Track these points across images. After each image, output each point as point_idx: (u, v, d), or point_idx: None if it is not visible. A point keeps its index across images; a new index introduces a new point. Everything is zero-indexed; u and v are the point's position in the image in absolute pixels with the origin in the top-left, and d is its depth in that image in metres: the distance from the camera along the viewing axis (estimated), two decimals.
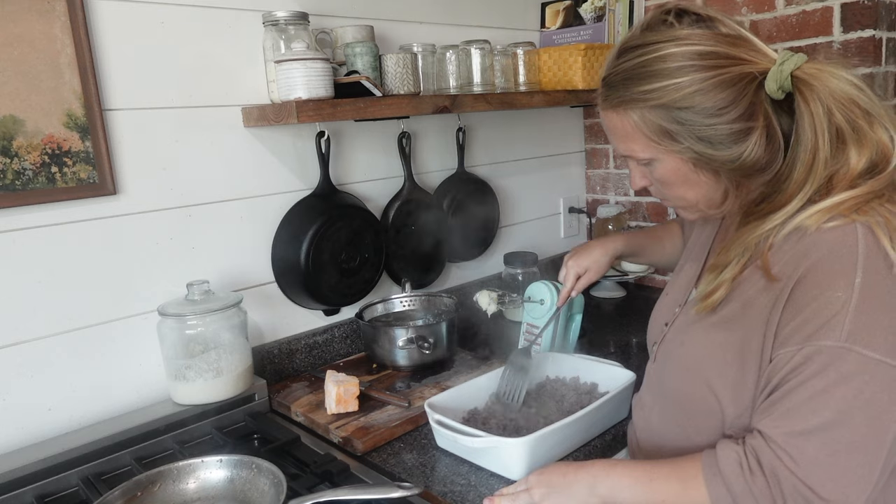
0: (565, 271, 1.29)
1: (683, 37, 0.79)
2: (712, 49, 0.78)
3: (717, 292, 0.84)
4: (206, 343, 1.24)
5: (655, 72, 0.80)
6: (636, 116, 0.82)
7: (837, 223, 0.75)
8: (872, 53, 1.78)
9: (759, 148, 0.79)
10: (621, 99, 0.83)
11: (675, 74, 0.78)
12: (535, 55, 1.77)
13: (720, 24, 0.81)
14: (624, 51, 0.84)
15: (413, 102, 1.41)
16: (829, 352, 0.71)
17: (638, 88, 0.81)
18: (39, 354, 1.16)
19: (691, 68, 0.78)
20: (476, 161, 1.87)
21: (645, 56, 0.81)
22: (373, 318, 1.56)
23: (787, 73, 0.76)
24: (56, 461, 1.09)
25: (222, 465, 1.02)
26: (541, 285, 1.39)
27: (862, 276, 0.71)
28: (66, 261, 1.18)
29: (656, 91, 0.79)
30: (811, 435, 0.71)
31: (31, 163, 1.11)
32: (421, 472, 1.09)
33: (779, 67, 0.77)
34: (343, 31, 1.45)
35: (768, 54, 0.80)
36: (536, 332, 1.37)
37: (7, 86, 1.08)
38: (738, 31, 0.81)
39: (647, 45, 0.81)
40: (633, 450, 1.09)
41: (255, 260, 1.43)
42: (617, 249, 1.28)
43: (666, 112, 0.80)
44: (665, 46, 0.79)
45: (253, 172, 1.41)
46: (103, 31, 1.18)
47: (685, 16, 0.83)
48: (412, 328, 1.42)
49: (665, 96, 0.79)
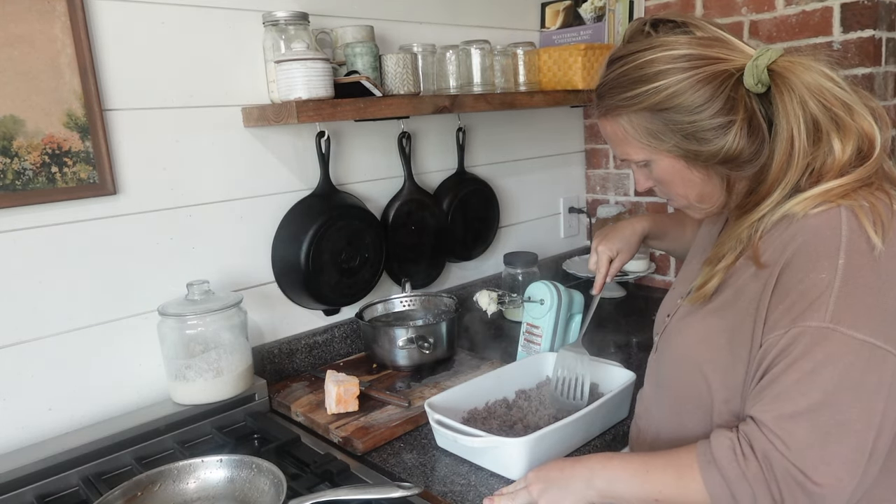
0: (596, 257, 1.23)
1: (660, 44, 0.84)
2: (687, 52, 0.83)
3: (710, 282, 0.88)
4: (207, 343, 1.24)
5: (637, 78, 0.85)
6: (625, 122, 0.88)
7: (823, 208, 0.77)
8: (872, 53, 1.78)
9: (741, 140, 0.82)
10: (610, 107, 0.88)
11: (655, 79, 0.83)
12: (535, 55, 1.77)
13: (696, 29, 0.86)
14: (610, 62, 0.90)
15: (413, 102, 1.41)
16: (814, 332, 0.72)
17: (623, 95, 0.86)
18: (39, 354, 1.16)
19: (669, 71, 0.82)
20: (476, 161, 1.87)
21: (627, 65, 0.86)
22: (373, 318, 1.56)
23: (762, 67, 0.80)
24: (56, 461, 1.09)
25: (222, 465, 1.03)
26: (541, 285, 1.40)
27: (845, 258, 0.73)
28: (66, 261, 1.18)
29: (639, 96, 0.84)
30: (801, 417, 0.72)
31: (31, 163, 1.11)
32: (421, 472, 1.09)
33: (753, 63, 0.80)
34: (343, 31, 1.45)
35: (745, 51, 0.84)
36: (538, 332, 1.37)
37: (7, 86, 1.08)
38: (714, 33, 0.86)
39: (629, 55, 0.87)
40: (633, 447, 1.10)
41: (255, 260, 1.43)
42: (645, 228, 1.26)
43: (651, 114, 0.85)
44: (644, 54, 0.85)
45: (253, 172, 1.41)
46: (103, 31, 1.19)
47: (661, 25, 0.88)
48: (412, 328, 1.42)
49: (647, 99, 0.84)
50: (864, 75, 1.80)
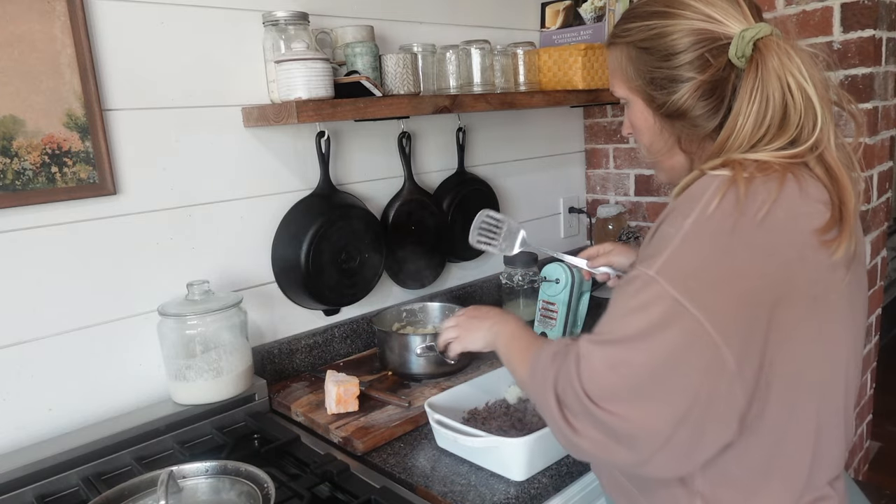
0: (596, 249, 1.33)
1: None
2: (695, 4, 0.82)
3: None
4: (207, 343, 1.24)
5: (636, 14, 0.88)
6: (617, 52, 0.90)
7: (717, 172, 0.77)
8: (872, 53, 1.78)
9: (690, 99, 0.83)
10: (611, 35, 0.92)
11: (649, 17, 0.85)
12: (535, 55, 1.77)
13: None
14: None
15: (413, 102, 1.41)
16: (643, 278, 0.74)
17: (623, 26, 0.89)
18: (39, 354, 1.16)
19: (661, 14, 0.84)
20: (476, 161, 1.87)
21: (642, 3, 0.89)
22: (390, 325, 1.54)
23: (748, 40, 0.79)
24: (56, 461, 1.09)
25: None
26: (556, 266, 1.51)
27: (693, 219, 0.74)
28: (66, 261, 1.18)
29: (632, 30, 0.87)
30: (603, 345, 0.76)
31: (31, 163, 1.11)
32: (421, 472, 1.09)
33: (740, 34, 0.79)
34: (343, 31, 1.45)
35: (745, 22, 0.81)
36: (553, 308, 1.49)
37: (7, 86, 1.08)
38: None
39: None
40: None
41: (255, 260, 1.43)
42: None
43: (636, 51, 0.87)
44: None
45: (253, 172, 1.41)
46: (103, 31, 1.19)
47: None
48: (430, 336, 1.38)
49: (637, 35, 0.86)
50: (863, 75, 1.80)
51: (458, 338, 1.10)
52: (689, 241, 0.73)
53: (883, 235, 2.07)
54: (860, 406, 2.13)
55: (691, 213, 0.74)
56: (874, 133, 1.87)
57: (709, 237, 0.73)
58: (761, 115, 0.77)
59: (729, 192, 0.73)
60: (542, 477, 1.07)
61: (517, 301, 1.79)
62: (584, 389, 0.75)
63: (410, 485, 1.06)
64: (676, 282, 0.71)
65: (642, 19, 0.86)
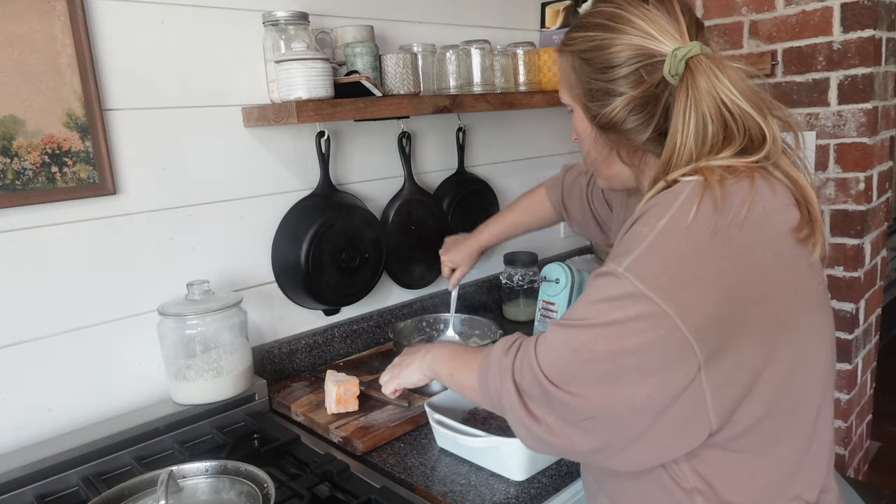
0: (442, 266, 1.49)
1: (623, 2, 0.85)
2: (635, 20, 0.82)
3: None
4: (206, 343, 1.24)
5: (583, 23, 0.88)
6: (564, 61, 0.92)
7: (689, 178, 0.77)
8: (872, 53, 1.78)
9: (621, 112, 0.84)
10: (561, 43, 0.92)
11: (591, 28, 0.86)
12: (535, 55, 1.77)
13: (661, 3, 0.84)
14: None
15: (413, 102, 1.41)
16: (613, 274, 0.75)
17: (570, 34, 0.90)
18: (39, 354, 1.16)
19: (603, 27, 0.84)
20: (476, 161, 1.87)
21: (590, 14, 0.89)
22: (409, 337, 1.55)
23: (679, 58, 0.79)
24: (56, 461, 1.09)
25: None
26: (556, 266, 1.52)
27: (667, 221, 0.74)
28: (66, 261, 1.18)
29: (576, 39, 0.88)
30: (565, 328, 0.77)
31: (31, 163, 1.11)
32: (421, 472, 1.09)
33: (673, 53, 0.80)
34: (343, 31, 1.45)
35: (681, 40, 0.81)
36: (553, 308, 1.51)
37: (7, 86, 1.08)
38: (671, 10, 0.83)
39: (602, 2, 0.89)
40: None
41: (255, 260, 1.43)
42: (481, 243, 1.47)
43: (579, 61, 0.87)
44: (602, 5, 0.87)
45: (253, 172, 1.41)
46: (103, 31, 1.19)
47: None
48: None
49: (579, 45, 0.87)
50: (863, 75, 1.80)
51: (393, 376, 1.09)
52: (661, 239, 0.74)
53: (883, 235, 2.07)
54: (860, 406, 2.13)
55: (665, 214, 0.75)
56: (874, 133, 1.87)
57: (686, 237, 0.73)
58: (700, 132, 0.78)
59: (705, 195, 0.74)
60: (541, 477, 1.07)
61: (517, 301, 1.79)
62: (542, 370, 0.77)
63: (410, 485, 1.06)
64: (646, 279, 0.72)
65: (586, 30, 0.86)
